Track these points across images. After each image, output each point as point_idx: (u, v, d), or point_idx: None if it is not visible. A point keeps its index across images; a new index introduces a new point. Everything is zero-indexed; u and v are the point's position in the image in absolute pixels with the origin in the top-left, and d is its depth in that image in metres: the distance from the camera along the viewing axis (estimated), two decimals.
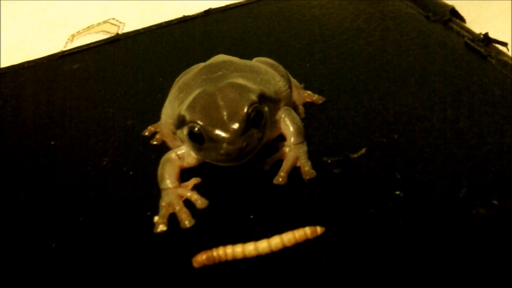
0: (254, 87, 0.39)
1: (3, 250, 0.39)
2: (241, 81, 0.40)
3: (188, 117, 0.37)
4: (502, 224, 0.36)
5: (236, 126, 0.36)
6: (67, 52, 0.64)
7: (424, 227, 0.36)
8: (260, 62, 0.47)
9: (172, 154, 0.42)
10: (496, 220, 0.36)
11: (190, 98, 0.39)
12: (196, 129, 0.37)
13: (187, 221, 0.38)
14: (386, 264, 0.34)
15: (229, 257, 0.35)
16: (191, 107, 0.38)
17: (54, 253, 0.38)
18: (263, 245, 0.35)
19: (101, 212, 0.41)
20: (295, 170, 0.41)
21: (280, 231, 0.36)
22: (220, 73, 0.42)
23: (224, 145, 0.36)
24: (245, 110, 0.37)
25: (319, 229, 0.36)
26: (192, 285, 0.35)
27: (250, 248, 0.35)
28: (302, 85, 0.51)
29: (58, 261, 0.37)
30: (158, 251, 0.37)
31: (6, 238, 0.40)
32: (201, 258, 0.35)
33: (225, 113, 0.36)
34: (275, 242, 0.35)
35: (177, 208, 0.39)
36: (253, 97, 0.38)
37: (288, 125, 0.42)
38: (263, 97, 0.39)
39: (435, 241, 0.35)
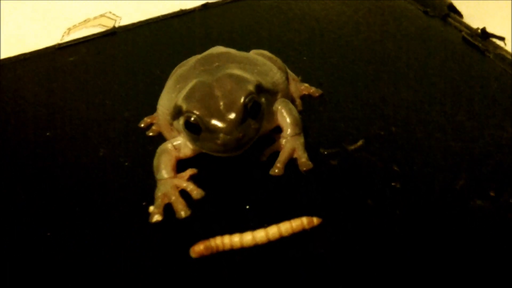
0: (252, 78, 0.39)
1: None
2: (238, 72, 0.40)
3: (185, 107, 0.37)
4: (499, 216, 0.36)
5: (233, 116, 0.36)
6: (63, 45, 0.63)
7: (422, 218, 0.36)
8: (257, 54, 0.47)
9: (168, 145, 0.41)
10: (493, 212, 0.36)
11: (187, 89, 0.39)
12: (193, 119, 0.36)
13: (182, 212, 0.38)
14: (383, 255, 0.34)
15: (227, 246, 0.35)
16: (188, 97, 0.38)
17: (50, 243, 0.38)
18: (260, 234, 0.35)
19: (97, 202, 0.41)
20: (292, 162, 0.41)
21: (276, 222, 0.36)
22: (217, 64, 0.41)
23: (221, 135, 0.35)
24: (242, 100, 0.36)
25: (315, 220, 0.36)
26: (188, 275, 0.34)
27: (247, 238, 0.35)
28: (300, 78, 0.51)
29: (54, 251, 0.37)
30: (153, 241, 0.37)
31: (1, 228, 0.40)
32: (199, 248, 0.35)
33: (222, 103, 0.36)
34: (273, 231, 0.35)
35: (173, 198, 0.39)
36: (250, 87, 0.38)
37: (285, 116, 0.42)
38: (260, 88, 0.39)
39: (432, 233, 0.35)
